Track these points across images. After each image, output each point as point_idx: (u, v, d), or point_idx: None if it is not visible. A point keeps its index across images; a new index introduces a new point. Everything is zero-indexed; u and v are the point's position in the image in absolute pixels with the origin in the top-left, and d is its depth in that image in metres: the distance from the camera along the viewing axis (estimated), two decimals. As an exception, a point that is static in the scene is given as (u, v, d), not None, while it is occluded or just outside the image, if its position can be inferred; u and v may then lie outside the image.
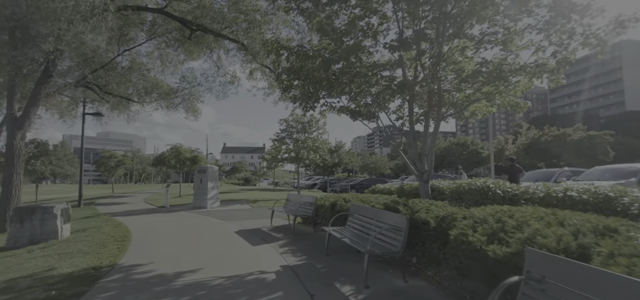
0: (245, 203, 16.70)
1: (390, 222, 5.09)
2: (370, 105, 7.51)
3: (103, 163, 28.96)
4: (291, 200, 9.83)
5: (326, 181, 34.32)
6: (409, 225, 4.78)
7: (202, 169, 15.15)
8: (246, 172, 58.52)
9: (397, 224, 4.88)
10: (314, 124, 19.69)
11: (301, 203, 8.91)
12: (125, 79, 16.01)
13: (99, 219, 11.55)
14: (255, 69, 13.88)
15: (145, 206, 16.52)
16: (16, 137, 10.84)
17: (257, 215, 11.90)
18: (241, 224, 10.01)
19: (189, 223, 10.34)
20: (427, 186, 7.71)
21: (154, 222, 10.71)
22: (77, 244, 7.49)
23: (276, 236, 8.02)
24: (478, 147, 45.27)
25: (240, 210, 13.56)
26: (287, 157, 20.93)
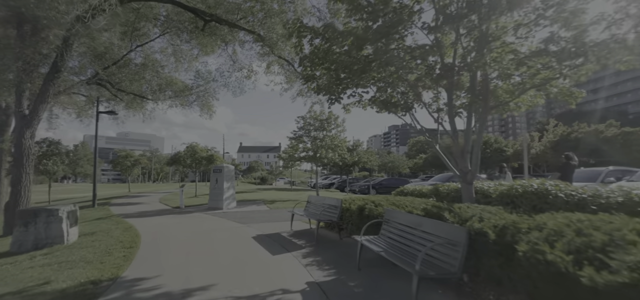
0: (262, 204, 15.99)
1: (442, 234, 4.16)
2: (406, 94, 6.56)
3: (119, 162, 28.92)
4: (312, 202, 8.99)
5: (344, 181, 33.41)
6: (468, 239, 3.84)
7: (218, 169, 14.50)
8: (262, 171, 58.18)
9: (452, 237, 3.96)
10: (333, 121, 18.80)
11: (324, 206, 8.05)
12: (139, 76, 15.53)
13: (110, 221, 11.01)
14: (272, 62, 13.12)
15: (159, 207, 16.02)
16: (25, 136, 10.39)
17: (275, 218, 11.12)
18: (259, 227, 9.24)
19: (203, 227, 9.64)
20: (471, 188, 6.73)
21: (166, 225, 10.06)
22: (82, 250, 6.85)
23: (298, 243, 7.18)
24: (502, 145, 43.36)
25: (258, 212, 12.83)
26: (305, 156, 20.12)
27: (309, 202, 9.17)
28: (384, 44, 5.00)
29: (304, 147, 19.97)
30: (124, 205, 17.05)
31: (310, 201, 9.16)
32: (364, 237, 5.37)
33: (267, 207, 14.55)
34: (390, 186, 27.01)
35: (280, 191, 27.61)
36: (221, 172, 14.31)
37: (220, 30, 11.36)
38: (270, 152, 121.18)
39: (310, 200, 9.18)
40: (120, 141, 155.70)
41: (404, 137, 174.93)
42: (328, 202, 8.04)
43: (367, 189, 26.62)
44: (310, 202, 9.13)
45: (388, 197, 8.01)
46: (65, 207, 8.22)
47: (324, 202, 8.32)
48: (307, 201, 9.25)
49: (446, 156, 7.31)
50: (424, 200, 7.03)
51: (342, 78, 5.55)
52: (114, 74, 14.72)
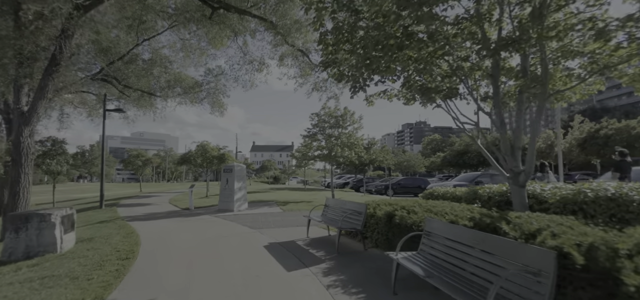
0: (275, 205, 15.10)
1: (515, 257, 3.12)
2: (453, 77, 5.49)
3: (131, 161, 28.55)
4: (331, 206, 8.01)
5: (359, 180, 32.29)
6: (556, 267, 2.80)
7: (228, 168, 13.67)
8: (275, 170, 57.56)
9: (533, 264, 2.91)
10: (349, 117, 17.77)
11: (345, 212, 7.06)
12: (146, 72, 14.84)
13: (113, 224, 10.27)
14: (285, 53, 12.19)
15: (168, 208, 15.31)
16: (23, 134, 9.73)
17: (289, 222, 10.19)
18: (272, 234, 8.32)
19: (211, 232, 8.77)
20: (524, 192, 5.64)
21: (171, 230, 9.25)
22: (73, 261, 6.05)
23: (316, 255, 6.22)
24: (523, 143, 41.46)
25: (270, 215, 11.93)
26: (319, 155, 19.14)
27: (327, 206, 8.19)
28: (428, 11, 3.97)
29: (318, 146, 19.00)
30: (132, 206, 16.43)
31: (328, 205, 8.18)
32: (401, 254, 4.37)
33: (280, 208, 13.64)
34: (409, 186, 25.87)
35: (293, 191, 26.74)
36: (232, 171, 13.47)
37: (229, 19, 10.50)
38: (282, 151, 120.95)
39: (328, 204, 8.20)
40: (134, 141, 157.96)
41: (418, 135, 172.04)
42: (350, 207, 7.05)
43: (384, 189, 25.48)
44: (328, 206, 8.15)
45: (420, 202, 6.96)
46: (60, 211, 7.46)
47: (344, 206, 7.33)
48: (325, 205, 8.27)
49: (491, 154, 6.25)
50: (467, 207, 5.96)
51: (372, 58, 4.53)
52: (120, 69, 14.06)
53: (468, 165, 41.28)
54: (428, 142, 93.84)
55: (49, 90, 10.07)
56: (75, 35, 10.11)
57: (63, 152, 12.59)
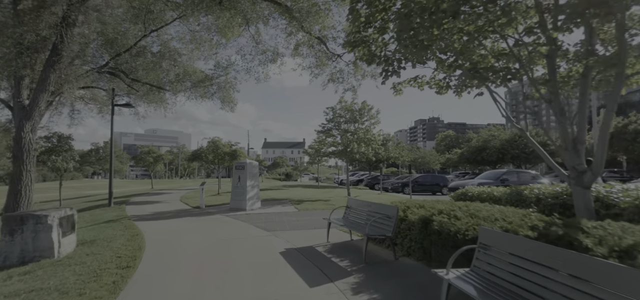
0: (289, 204, 14.37)
1: (633, 289, 2.26)
2: (510, 57, 4.61)
3: (142, 158, 28.26)
4: (354, 208, 7.20)
5: (374, 177, 31.34)
6: None
7: (240, 165, 12.99)
8: (287, 167, 57.01)
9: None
10: (366, 112, 16.88)
11: (372, 215, 6.24)
12: (155, 65, 14.24)
13: (118, 224, 9.69)
14: (301, 42, 11.39)
15: (178, 206, 14.75)
16: (25, 129, 9.21)
17: (306, 223, 9.43)
18: (288, 237, 7.56)
19: (222, 234, 8.07)
20: (589, 196, 4.73)
21: (179, 231, 8.58)
22: (67, 270, 5.41)
23: (340, 265, 5.43)
24: (543, 138, 39.71)
25: (285, 214, 11.20)
26: (334, 151, 18.32)
27: (349, 207, 7.37)
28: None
29: (333, 141, 18.18)
30: (141, 204, 15.94)
31: (350, 206, 7.36)
32: (453, 273, 3.53)
33: (295, 207, 12.90)
34: (427, 184, 24.86)
35: (307, 189, 26.01)
36: (244, 168, 12.78)
37: (240, 5, 9.75)
38: (294, 148, 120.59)
39: (350, 205, 7.38)
40: (148, 138, 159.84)
41: (431, 132, 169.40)
42: (377, 210, 6.22)
43: (401, 187, 24.53)
44: (350, 207, 7.34)
45: (458, 204, 6.08)
46: (58, 211, 6.85)
47: (370, 209, 6.51)
48: (347, 206, 7.46)
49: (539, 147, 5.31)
50: (521, 212, 5.06)
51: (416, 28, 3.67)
52: (127, 62, 13.48)
53: (486, 162, 39.85)
54: (442, 138, 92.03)
55: (51, 82, 9.51)
56: (77, 24, 9.53)
57: (69, 148, 12.08)
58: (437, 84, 6.83)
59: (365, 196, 18.20)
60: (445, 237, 4.80)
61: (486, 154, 38.72)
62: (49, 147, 11.38)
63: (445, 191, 24.42)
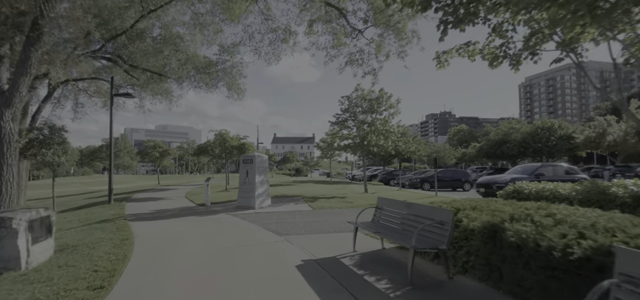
0: (302, 201, 13.08)
1: None
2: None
3: (148, 153, 27.31)
4: (386, 209, 5.83)
5: (389, 172, 29.86)
6: None
7: (248, 159, 11.73)
8: (297, 162, 55.83)
9: None
10: (384, 101, 15.42)
11: (416, 220, 4.87)
12: (155, 51, 13.05)
13: (111, 225, 8.53)
14: (316, 17, 10.01)
15: (182, 204, 13.59)
16: (4, 117, 8.07)
17: (324, 225, 8.11)
18: (304, 243, 6.26)
19: (226, 239, 6.81)
20: None
21: (176, 235, 7.35)
22: (27, 289, 4.21)
23: (377, 287, 4.09)
24: (568, 131, 37.64)
25: (298, 214, 9.90)
26: (350, 144, 16.93)
27: (380, 208, 6.00)
28: None
29: (348, 134, 16.78)
30: (144, 201, 14.84)
31: (381, 207, 5.99)
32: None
33: (309, 206, 11.59)
34: (447, 179, 23.33)
35: (319, 184, 24.70)
36: (252, 163, 11.52)
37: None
38: (303, 143, 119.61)
39: (381, 206, 6.01)
40: (159, 134, 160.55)
41: (442, 126, 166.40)
42: (423, 214, 4.83)
43: (420, 182, 23.03)
44: (382, 208, 5.97)
45: (526, 205, 4.66)
46: (27, 213, 5.64)
47: (411, 212, 5.13)
48: (377, 207, 6.09)
49: None
50: (628, 217, 3.62)
51: None
52: (125, 46, 12.32)
53: (507, 156, 37.98)
54: (454, 133, 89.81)
55: (33, 64, 8.32)
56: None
57: (62, 141, 10.96)
58: (491, 53, 5.44)
59: (384, 193, 16.80)
60: (530, 255, 3.41)
61: (506, 147, 36.85)
62: (37, 138, 10.22)
63: (467, 187, 22.87)
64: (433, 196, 14.55)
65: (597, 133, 34.75)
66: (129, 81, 18.16)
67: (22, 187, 17.96)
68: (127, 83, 19.13)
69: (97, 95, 21.23)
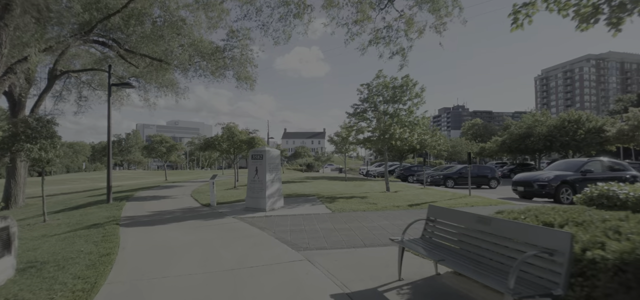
0: (318, 201, 11.66)
1: None
2: None
3: (154, 148, 26.22)
4: (444, 223, 4.31)
5: (407, 168, 28.18)
6: None
7: (257, 154, 10.32)
8: (309, 157, 54.45)
9: None
10: (409, 89, 13.82)
11: (504, 244, 3.35)
12: (154, 33, 11.71)
13: (96, 233, 7.25)
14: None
15: (186, 203, 12.32)
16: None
17: (349, 234, 6.64)
18: (330, 263, 4.81)
19: (230, 256, 5.41)
20: None
21: (171, 248, 5.99)
22: None
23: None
24: (597, 123, 35.29)
25: (316, 218, 8.47)
26: (369, 138, 15.38)
27: (433, 221, 4.49)
28: None
29: (367, 126, 15.24)
30: (145, 200, 13.63)
31: (435, 218, 4.48)
32: None
33: (328, 208, 10.14)
34: (472, 176, 21.54)
35: (333, 181, 23.24)
36: (262, 158, 10.12)
37: None
38: (314, 138, 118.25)
39: (434, 216, 4.50)
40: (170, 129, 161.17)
41: (456, 120, 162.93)
42: (515, 236, 3.27)
43: (443, 179, 21.36)
44: (435, 221, 4.46)
45: None
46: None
47: (489, 229, 3.59)
48: (429, 219, 4.57)
49: None
50: None
51: None
52: (120, 28, 11.01)
53: (531, 150, 35.81)
54: (469, 127, 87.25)
55: (5, 43, 7.06)
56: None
57: (51, 134, 9.73)
58: (585, 6, 3.92)
59: (406, 191, 15.26)
60: None
61: (530, 141, 34.71)
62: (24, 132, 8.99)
63: (494, 184, 21.12)
64: (465, 196, 12.95)
65: (631, 126, 32.35)
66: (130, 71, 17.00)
67: (20, 185, 17.10)
68: (130, 74, 18.00)
69: (101, 89, 20.17)
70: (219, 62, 13.28)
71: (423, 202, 10.83)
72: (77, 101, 20.35)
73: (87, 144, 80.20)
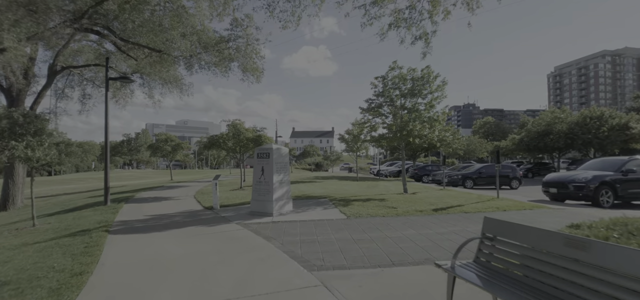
0: (330, 204, 10.62)
1: None
2: None
3: (159, 147, 25.47)
4: (510, 243, 3.21)
5: (422, 168, 26.94)
6: None
7: (264, 152, 9.30)
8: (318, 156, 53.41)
9: None
10: (430, 82, 12.66)
11: (612, 282, 2.24)
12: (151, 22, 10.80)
13: (79, 242, 6.32)
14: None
15: (188, 206, 11.39)
16: None
17: (373, 247, 5.57)
18: (355, 292, 3.77)
19: (228, 278, 4.41)
20: None
21: (160, 265, 5.02)
22: None
23: None
24: (621, 120, 33.49)
25: (330, 225, 7.42)
26: (385, 135, 14.27)
27: (492, 239, 3.39)
28: None
29: (382, 122, 14.14)
30: (145, 201, 12.76)
31: (494, 237, 3.38)
32: None
33: (341, 212, 9.08)
34: (493, 175, 20.29)
35: (344, 181, 22.16)
36: (269, 157, 9.11)
37: None
38: (322, 137, 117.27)
39: (494, 234, 3.40)
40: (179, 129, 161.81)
41: (466, 119, 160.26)
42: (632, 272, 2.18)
43: (461, 179, 20.12)
44: (495, 239, 3.36)
45: None
46: None
47: (586, 258, 2.49)
48: (486, 236, 3.47)
49: None
50: None
51: None
52: (116, 16, 10.11)
53: (550, 148, 34.19)
54: (480, 125, 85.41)
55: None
56: None
57: (37, 131, 8.90)
58: None
59: (425, 193, 14.10)
60: None
61: (550, 139, 33.11)
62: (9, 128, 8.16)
63: (516, 184, 19.81)
64: (492, 198, 11.75)
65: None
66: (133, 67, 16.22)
67: (18, 185, 16.43)
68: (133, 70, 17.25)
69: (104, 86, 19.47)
70: (224, 53, 12.32)
71: (449, 207, 9.70)
72: (80, 99, 19.70)
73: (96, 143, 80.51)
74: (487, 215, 3.60)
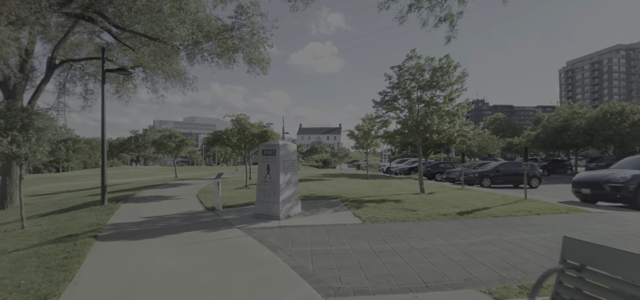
0: (342, 205, 9.75)
1: None
2: None
3: (163, 143, 24.82)
4: (606, 276, 2.28)
5: (435, 165, 25.87)
6: None
7: (270, 149, 8.42)
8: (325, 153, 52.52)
9: None
10: (449, 72, 11.66)
11: None
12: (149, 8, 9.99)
13: (61, 250, 5.54)
14: None
15: (188, 206, 10.61)
16: None
17: (398, 261, 4.67)
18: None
19: (223, 297, 3.56)
20: None
21: (144, 281, 4.20)
22: None
23: None
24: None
25: (345, 233, 6.54)
26: (400, 130, 13.31)
27: (579, 270, 2.47)
28: None
29: (396, 116, 13.17)
30: (144, 201, 12.01)
31: (583, 266, 2.46)
32: None
33: (355, 215, 8.19)
34: (510, 174, 19.28)
35: (354, 179, 21.25)
36: (275, 154, 8.24)
37: None
38: (330, 134, 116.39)
39: (583, 262, 2.48)
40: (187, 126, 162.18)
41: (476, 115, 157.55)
42: None
43: (478, 178, 19.06)
44: (583, 270, 2.44)
45: None
46: None
47: None
48: (569, 265, 2.54)
49: None
50: None
51: None
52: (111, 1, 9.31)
53: (568, 145, 32.81)
54: (490, 122, 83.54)
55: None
56: None
57: (24, 125, 8.17)
58: None
59: (443, 193, 13.13)
60: None
61: (568, 136, 31.73)
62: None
63: (535, 183, 18.69)
64: (520, 199, 10.72)
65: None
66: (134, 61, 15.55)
67: (15, 183, 15.84)
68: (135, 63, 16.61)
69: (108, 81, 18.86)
70: (227, 43, 11.47)
71: (474, 209, 8.74)
72: (83, 95, 19.14)
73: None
74: (567, 236, 2.65)
